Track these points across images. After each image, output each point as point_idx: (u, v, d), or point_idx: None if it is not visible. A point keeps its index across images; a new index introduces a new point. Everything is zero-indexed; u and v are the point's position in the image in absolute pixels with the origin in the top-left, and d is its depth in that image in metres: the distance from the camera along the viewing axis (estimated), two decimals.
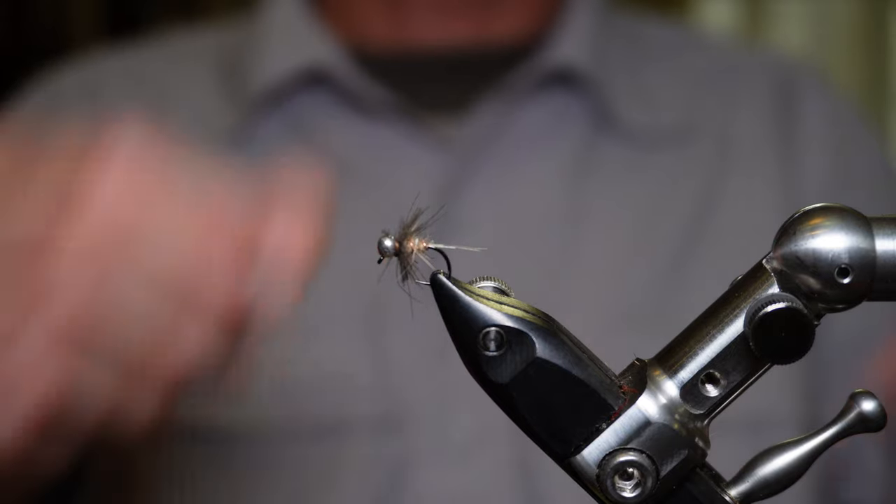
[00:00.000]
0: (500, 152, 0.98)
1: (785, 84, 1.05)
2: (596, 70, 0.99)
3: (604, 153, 0.99)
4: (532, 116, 0.99)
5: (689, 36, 1.14)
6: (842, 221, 0.38)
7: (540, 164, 0.99)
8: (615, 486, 0.38)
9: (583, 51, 0.99)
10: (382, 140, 0.98)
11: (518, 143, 0.99)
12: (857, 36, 3.49)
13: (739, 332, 0.38)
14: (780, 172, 1.00)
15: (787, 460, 0.39)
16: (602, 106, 0.99)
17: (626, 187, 0.99)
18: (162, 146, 0.58)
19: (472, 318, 0.39)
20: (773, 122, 1.02)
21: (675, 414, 0.38)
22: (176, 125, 1.00)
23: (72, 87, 1.05)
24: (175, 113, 1.02)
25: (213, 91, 1.03)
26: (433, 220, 0.41)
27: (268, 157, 0.98)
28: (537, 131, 0.99)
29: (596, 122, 1.00)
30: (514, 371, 0.38)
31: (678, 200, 0.99)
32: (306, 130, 1.00)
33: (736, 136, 1.02)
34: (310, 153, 0.98)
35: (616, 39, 1.05)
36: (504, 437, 0.90)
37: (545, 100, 1.00)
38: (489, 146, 0.98)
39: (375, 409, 0.90)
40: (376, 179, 0.97)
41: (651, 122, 1.00)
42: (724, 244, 0.97)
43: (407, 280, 0.41)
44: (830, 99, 1.06)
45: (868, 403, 0.39)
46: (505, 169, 0.98)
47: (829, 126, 1.03)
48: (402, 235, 0.41)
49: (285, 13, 1.03)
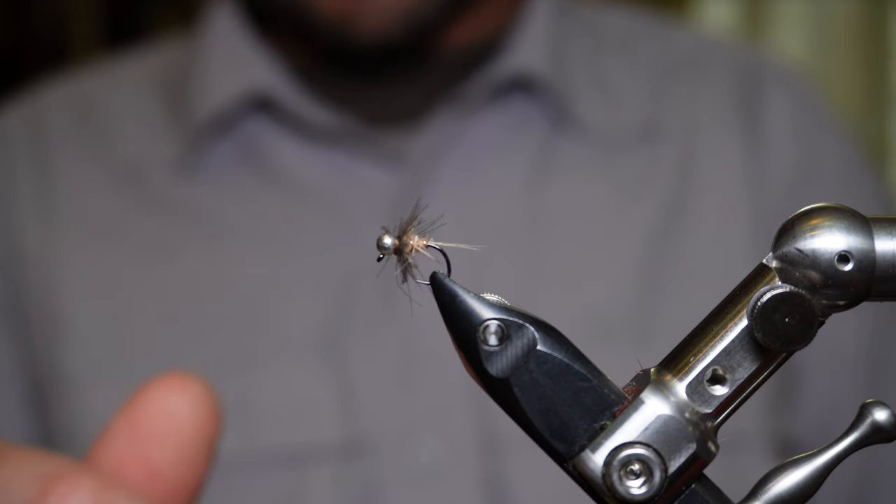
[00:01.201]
0: (456, 163, 0.96)
1: (750, 79, 1.04)
2: (554, 74, 0.97)
3: (565, 156, 0.97)
4: (489, 124, 0.97)
5: (652, 25, 1.11)
6: (841, 221, 0.38)
7: (499, 173, 0.97)
8: (622, 483, 0.38)
9: (540, 56, 0.97)
10: (333, 161, 0.96)
11: (475, 152, 0.97)
12: (856, 36, 3.49)
13: (743, 327, 0.38)
14: (745, 169, 0.98)
15: (801, 475, 0.38)
16: (562, 109, 0.97)
17: (591, 190, 0.97)
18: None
19: (473, 312, 0.39)
20: (738, 117, 1.01)
21: (683, 411, 0.38)
22: (123, 155, 1.00)
23: (16, 127, 1.04)
24: (121, 143, 1.01)
25: (159, 117, 1.01)
26: (433, 224, 0.41)
27: (219, 184, 0.97)
28: (495, 139, 0.97)
29: (555, 125, 0.98)
30: (515, 364, 0.38)
31: (644, 201, 0.97)
32: (256, 156, 0.98)
33: (700, 133, 1.00)
34: (260, 178, 0.97)
35: (575, 36, 1.03)
36: (472, 456, 0.89)
37: (502, 107, 0.98)
38: (445, 158, 0.96)
39: (340, 435, 0.89)
40: (331, 202, 0.95)
41: (613, 122, 0.98)
42: (691, 245, 0.96)
43: (405, 278, 0.40)
44: (796, 94, 1.04)
45: (881, 413, 0.38)
46: (463, 180, 0.96)
47: (794, 120, 1.02)
48: (402, 233, 0.40)
49: (226, 34, 1.01)
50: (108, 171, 0.99)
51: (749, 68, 1.05)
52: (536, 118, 0.98)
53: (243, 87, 0.96)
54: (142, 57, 1.10)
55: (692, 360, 0.38)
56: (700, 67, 1.04)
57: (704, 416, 0.38)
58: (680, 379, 0.38)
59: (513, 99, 0.98)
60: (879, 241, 0.37)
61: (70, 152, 1.01)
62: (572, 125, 0.97)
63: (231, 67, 0.98)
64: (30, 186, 1.00)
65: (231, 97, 0.96)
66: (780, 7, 3.51)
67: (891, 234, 0.37)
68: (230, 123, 0.98)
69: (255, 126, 0.98)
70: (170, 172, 0.97)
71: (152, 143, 0.99)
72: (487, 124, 0.97)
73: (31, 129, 1.03)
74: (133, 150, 1.00)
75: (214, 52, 1.00)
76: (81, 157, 1.00)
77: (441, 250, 0.40)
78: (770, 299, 0.37)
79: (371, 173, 0.95)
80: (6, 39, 2.64)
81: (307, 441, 0.89)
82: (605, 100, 0.99)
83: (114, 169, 0.99)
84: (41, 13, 2.69)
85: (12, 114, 1.06)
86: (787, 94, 1.03)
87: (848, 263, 0.37)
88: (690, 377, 0.38)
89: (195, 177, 0.97)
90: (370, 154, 0.95)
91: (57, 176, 1.00)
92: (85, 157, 1.00)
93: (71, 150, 1.01)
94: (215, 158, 0.98)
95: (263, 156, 0.98)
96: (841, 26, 3.49)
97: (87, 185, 0.99)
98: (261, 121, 0.98)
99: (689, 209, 0.97)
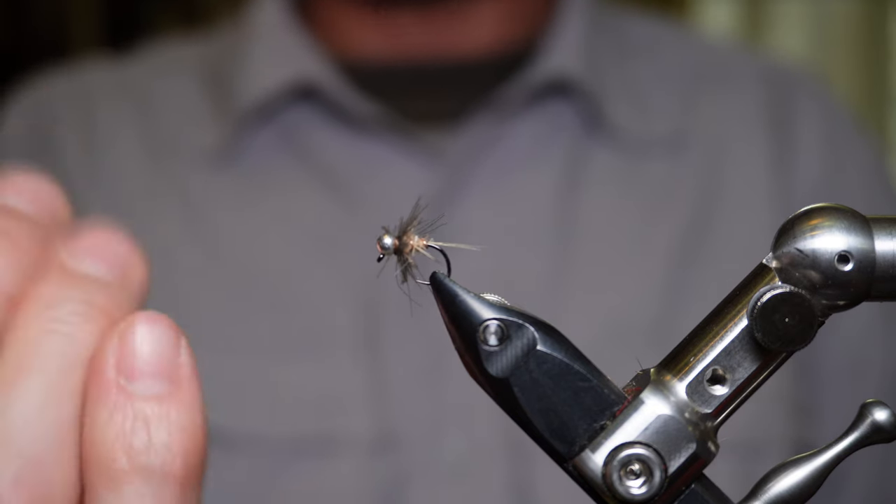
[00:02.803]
0: (492, 164, 0.97)
1: (778, 88, 1.04)
2: (590, 77, 0.98)
3: (596, 162, 0.98)
4: (525, 127, 0.98)
5: (677, 33, 1.11)
6: (841, 221, 0.38)
7: (533, 175, 0.97)
8: (622, 483, 0.38)
9: (576, 58, 0.98)
10: (373, 154, 0.97)
11: (511, 154, 0.97)
12: (856, 37, 3.49)
13: (743, 327, 0.38)
14: (773, 180, 0.99)
15: (801, 475, 0.38)
16: (596, 112, 0.98)
17: (620, 197, 0.97)
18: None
19: (473, 312, 0.39)
20: (766, 126, 1.01)
21: (683, 411, 0.38)
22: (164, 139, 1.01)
23: (62, 95, 1.04)
24: (163, 127, 1.01)
25: (201, 104, 1.02)
26: (433, 225, 0.41)
27: (259, 171, 0.98)
28: (530, 142, 0.98)
29: (588, 128, 0.98)
30: (515, 364, 0.38)
31: (672, 209, 0.97)
32: (297, 144, 0.98)
33: (729, 141, 1.00)
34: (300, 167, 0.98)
35: (605, 41, 1.03)
36: (497, 456, 0.89)
37: (538, 110, 0.98)
38: (482, 158, 0.96)
39: (369, 428, 0.89)
40: (368, 193, 0.96)
41: (644, 129, 0.99)
42: (718, 253, 0.96)
43: (406, 278, 0.40)
44: (824, 103, 1.05)
45: (881, 413, 0.38)
46: (497, 181, 0.97)
47: (823, 131, 1.02)
48: (402, 233, 0.40)
49: (271, 24, 1.01)
50: (150, 152, 1.00)
51: (775, 77, 1.05)
52: (570, 122, 0.99)
53: (289, 76, 0.97)
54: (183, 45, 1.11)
55: (692, 360, 0.38)
56: (726, 76, 1.05)
57: (704, 416, 0.38)
58: (680, 379, 0.38)
59: (548, 102, 0.98)
60: (879, 241, 0.37)
61: (116, 129, 1.02)
62: (605, 130, 0.98)
63: (277, 56, 0.99)
64: (77, 155, 1.01)
65: (276, 85, 0.97)
66: (780, 7, 3.52)
67: (891, 234, 0.37)
68: (273, 111, 0.98)
69: (297, 115, 0.99)
70: (210, 159, 0.98)
71: (193, 130, 1.00)
72: (524, 128, 0.98)
73: (78, 99, 1.04)
74: (174, 134, 1.01)
75: (260, 41, 1.01)
76: (126, 136, 1.01)
77: (441, 250, 0.41)
78: (770, 299, 0.37)
79: (409, 168, 0.96)
80: (6, 39, 2.64)
81: (336, 431, 0.89)
82: (636, 106, 0.99)
83: (155, 151, 1.00)
84: (41, 13, 2.69)
85: (56, 84, 1.06)
86: (815, 103, 1.03)
87: (848, 263, 0.37)
88: (690, 377, 0.38)
89: (236, 164, 0.97)
90: (410, 149, 0.96)
91: (104, 148, 1.01)
92: (129, 136, 1.01)
93: (117, 127, 1.02)
94: (256, 146, 0.98)
95: (304, 145, 0.98)
96: (841, 26, 3.49)
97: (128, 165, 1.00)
98: (303, 110, 0.99)
99: (714, 220, 0.97)
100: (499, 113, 0.96)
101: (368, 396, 0.90)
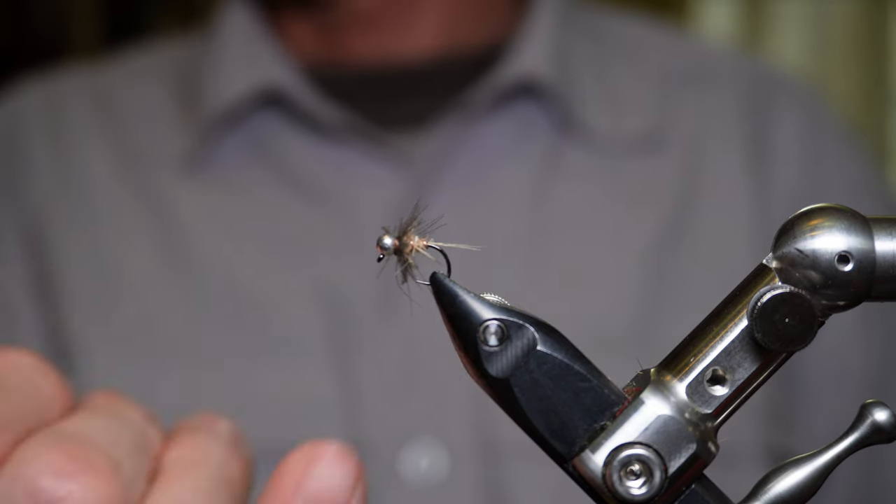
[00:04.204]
0: (462, 167, 0.96)
1: (762, 94, 1.03)
2: (560, 79, 0.97)
3: (570, 163, 0.97)
4: (495, 129, 0.97)
5: (667, 34, 1.10)
6: (841, 221, 0.38)
7: (504, 178, 0.96)
8: (623, 483, 0.38)
9: (546, 60, 0.97)
10: (341, 159, 0.96)
11: (481, 156, 0.97)
12: (856, 38, 3.50)
13: (743, 328, 0.38)
14: (751, 181, 0.98)
15: (801, 476, 0.38)
16: (567, 114, 0.97)
17: (595, 198, 0.96)
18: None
19: (473, 312, 0.39)
20: (745, 130, 1.00)
21: (683, 411, 0.38)
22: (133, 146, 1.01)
23: (34, 105, 1.04)
24: (133, 133, 1.02)
25: (171, 110, 1.02)
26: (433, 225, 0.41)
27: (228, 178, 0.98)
28: (500, 144, 0.97)
29: (561, 130, 0.98)
30: (515, 365, 0.38)
31: (648, 211, 0.96)
32: (265, 151, 0.98)
33: (706, 144, 0.99)
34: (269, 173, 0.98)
35: (580, 42, 1.02)
36: (473, 464, 0.88)
37: (508, 112, 0.98)
38: (451, 161, 0.96)
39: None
40: (337, 199, 0.96)
41: (618, 129, 0.98)
42: (695, 254, 0.95)
43: (406, 278, 0.40)
44: (811, 112, 1.03)
45: (881, 413, 0.38)
46: (468, 184, 0.96)
47: (804, 139, 1.01)
48: (402, 233, 0.40)
49: (239, 31, 1.02)
50: (119, 160, 1.00)
51: (758, 80, 1.04)
52: (542, 124, 0.98)
53: (256, 82, 0.97)
54: (155, 51, 1.11)
55: (692, 360, 0.38)
56: (708, 78, 1.04)
57: (704, 416, 0.38)
58: (680, 379, 0.38)
59: (518, 104, 0.98)
60: (879, 242, 0.37)
61: (85, 138, 1.02)
62: (577, 131, 0.97)
63: (244, 63, 0.99)
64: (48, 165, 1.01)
65: (243, 92, 0.97)
66: (780, 8, 3.52)
67: (891, 234, 0.37)
68: (241, 118, 0.98)
69: (265, 121, 0.99)
70: (178, 165, 0.98)
71: (162, 136, 1.00)
72: (493, 130, 0.97)
73: (49, 108, 1.04)
74: (143, 142, 1.01)
75: (227, 48, 1.01)
76: (95, 145, 1.01)
77: (441, 251, 0.40)
78: (770, 300, 0.37)
79: (378, 173, 0.95)
80: (6, 39, 2.64)
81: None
82: (611, 107, 0.99)
83: (124, 159, 1.00)
84: (41, 13, 2.69)
85: (28, 93, 1.06)
86: (797, 108, 1.02)
87: (848, 264, 0.37)
88: (690, 377, 0.38)
89: (205, 170, 0.97)
90: (378, 154, 0.96)
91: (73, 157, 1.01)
92: (98, 145, 1.01)
93: (86, 136, 1.02)
94: (225, 152, 0.98)
95: (272, 151, 0.98)
96: (840, 27, 3.49)
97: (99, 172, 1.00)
98: (271, 117, 0.99)
99: (692, 220, 0.96)
100: (467, 115, 0.95)
101: (340, 403, 0.89)
